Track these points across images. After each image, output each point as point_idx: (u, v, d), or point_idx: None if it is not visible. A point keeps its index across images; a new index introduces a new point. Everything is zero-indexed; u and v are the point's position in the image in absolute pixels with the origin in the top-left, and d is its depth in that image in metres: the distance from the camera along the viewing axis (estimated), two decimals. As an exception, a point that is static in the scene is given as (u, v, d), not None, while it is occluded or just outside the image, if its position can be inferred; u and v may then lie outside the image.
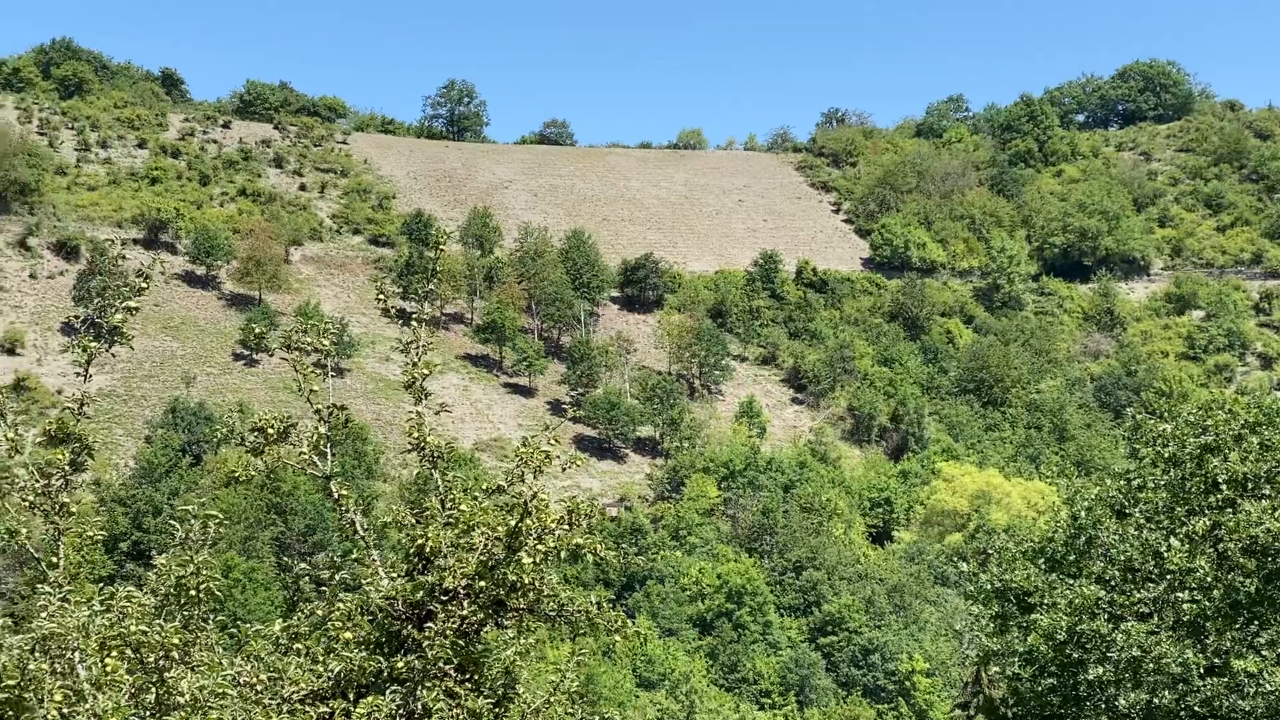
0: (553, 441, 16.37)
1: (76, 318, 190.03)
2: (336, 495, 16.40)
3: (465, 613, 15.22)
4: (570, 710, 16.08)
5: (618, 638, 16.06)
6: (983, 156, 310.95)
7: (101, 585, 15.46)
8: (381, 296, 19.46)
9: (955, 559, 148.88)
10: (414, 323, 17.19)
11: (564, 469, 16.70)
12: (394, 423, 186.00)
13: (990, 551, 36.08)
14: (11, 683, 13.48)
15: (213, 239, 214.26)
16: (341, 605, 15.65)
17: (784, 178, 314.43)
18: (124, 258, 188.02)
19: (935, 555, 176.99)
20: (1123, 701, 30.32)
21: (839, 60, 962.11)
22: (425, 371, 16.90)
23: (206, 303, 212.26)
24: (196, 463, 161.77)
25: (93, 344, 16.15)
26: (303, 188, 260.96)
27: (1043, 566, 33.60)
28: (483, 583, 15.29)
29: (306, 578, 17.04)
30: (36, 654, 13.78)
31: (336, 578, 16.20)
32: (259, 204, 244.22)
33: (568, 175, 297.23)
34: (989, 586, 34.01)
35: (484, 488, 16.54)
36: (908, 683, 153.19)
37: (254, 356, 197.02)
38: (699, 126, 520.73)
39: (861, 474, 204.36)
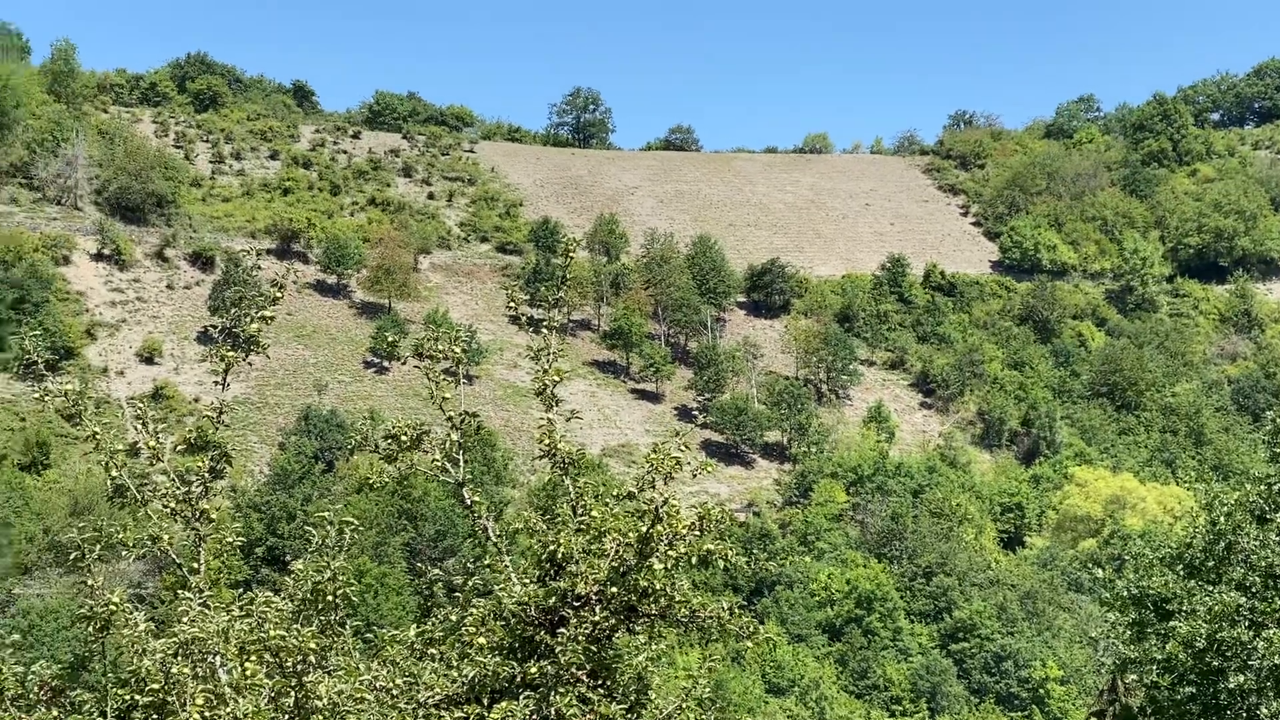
0: (683, 447, 16.36)
1: (214, 327, 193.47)
2: (469, 501, 16.53)
3: (597, 618, 15.24)
4: (701, 716, 16.05)
5: (749, 643, 16.00)
6: (1114, 157, 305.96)
7: (242, 590, 15.71)
8: (512, 304, 19.58)
9: (1089, 565, 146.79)
10: (544, 330, 17.26)
11: (694, 475, 16.70)
12: (522, 429, 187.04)
13: (1126, 557, 35.54)
14: (156, 686, 13.78)
15: (343, 248, 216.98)
16: (475, 611, 15.76)
17: (911, 181, 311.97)
18: (259, 268, 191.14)
19: (1069, 561, 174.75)
20: (1264, 710, 29.73)
21: (967, 62, 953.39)
22: (555, 378, 16.96)
23: (337, 311, 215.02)
24: (329, 469, 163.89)
25: (230, 353, 16.42)
26: (431, 196, 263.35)
27: (1181, 573, 33.03)
28: (614, 588, 15.31)
29: (440, 583, 17.14)
30: (179, 658, 14.05)
31: (469, 583, 16.32)
32: (388, 213, 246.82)
33: (693, 181, 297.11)
34: (1125, 593, 33.51)
35: (615, 494, 16.57)
36: (1041, 690, 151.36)
37: (384, 364, 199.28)
38: (824, 130, 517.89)
39: (992, 479, 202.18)
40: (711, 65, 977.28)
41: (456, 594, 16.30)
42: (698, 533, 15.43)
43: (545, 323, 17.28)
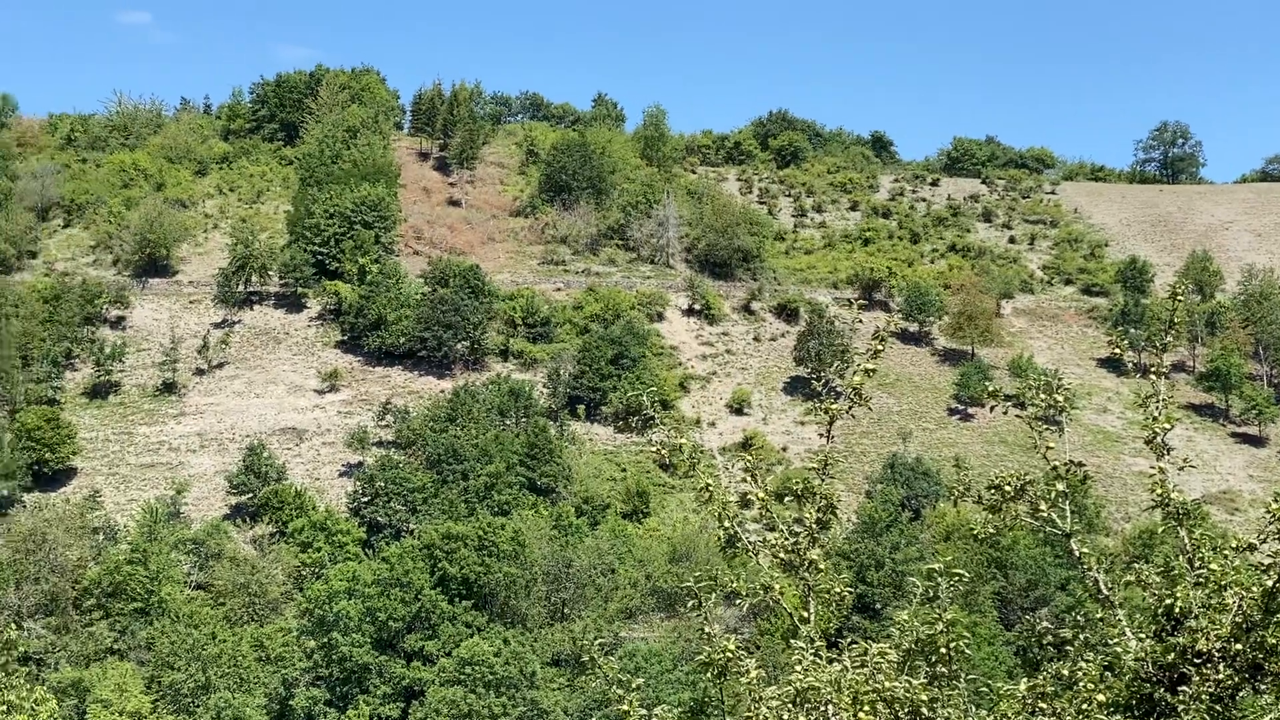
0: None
1: (807, 378, 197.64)
2: (1078, 553, 16.10)
3: (1220, 676, 14.53)
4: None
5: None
6: None
7: (851, 641, 15.80)
8: (1117, 350, 19.04)
9: None
10: (1153, 375, 16.68)
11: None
12: (1114, 475, 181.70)
13: None
14: (773, 733, 14.10)
15: (924, 295, 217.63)
16: (1086, 665, 15.32)
17: None
18: (860, 321, 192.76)
19: None
20: None
21: None
22: (1167, 426, 16.33)
23: (920, 359, 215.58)
24: (915, 517, 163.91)
25: (835, 406, 16.66)
26: (1011, 240, 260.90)
27: None
28: (1239, 645, 14.56)
29: (1048, 636, 16.73)
30: (793, 707, 14.31)
31: (1080, 637, 15.88)
32: (968, 259, 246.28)
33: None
34: None
35: (1233, 545, 15.78)
36: None
37: (968, 411, 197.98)
38: None
39: None
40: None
41: (1065, 647, 15.89)
42: (1334, 589, 14.44)
43: (1154, 368, 16.70)
